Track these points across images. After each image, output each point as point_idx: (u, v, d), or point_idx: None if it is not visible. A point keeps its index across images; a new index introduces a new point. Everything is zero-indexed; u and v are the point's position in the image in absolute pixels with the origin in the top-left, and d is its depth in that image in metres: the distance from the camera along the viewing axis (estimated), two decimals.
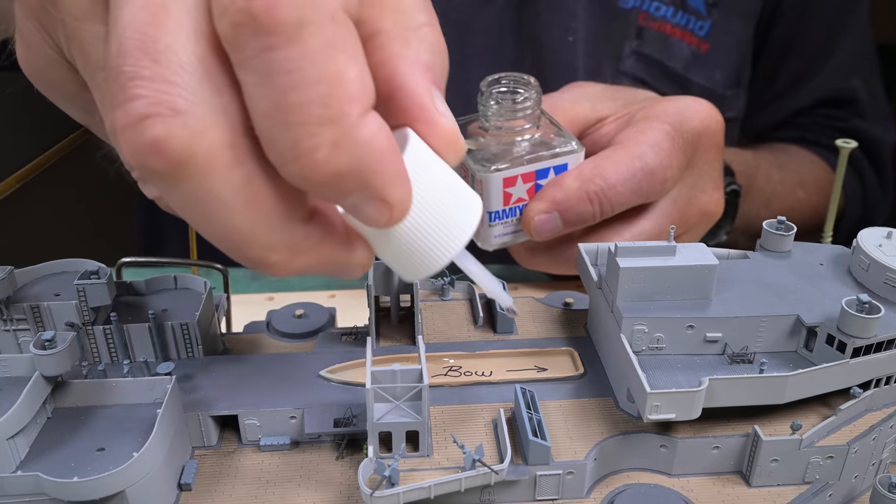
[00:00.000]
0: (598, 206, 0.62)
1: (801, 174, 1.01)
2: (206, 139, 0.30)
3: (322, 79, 0.30)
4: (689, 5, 0.93)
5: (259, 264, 0.34)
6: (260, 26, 0.29)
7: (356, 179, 0.32)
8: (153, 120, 0.29)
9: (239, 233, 0.32)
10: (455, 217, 0.38)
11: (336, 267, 0.37)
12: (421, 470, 0.45)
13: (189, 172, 0.30)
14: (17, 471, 0.42)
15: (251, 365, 0.54)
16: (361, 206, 0.33)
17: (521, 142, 0.62)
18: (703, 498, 0.47)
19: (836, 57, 1.03)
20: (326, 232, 0.36)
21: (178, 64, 0.30)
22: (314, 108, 0.30)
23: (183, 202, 0.32)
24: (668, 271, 0.50)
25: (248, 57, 0.30)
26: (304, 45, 0.29)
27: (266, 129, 0.31)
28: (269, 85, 0.30)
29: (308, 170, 0.31)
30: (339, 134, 0.31)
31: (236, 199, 0.31)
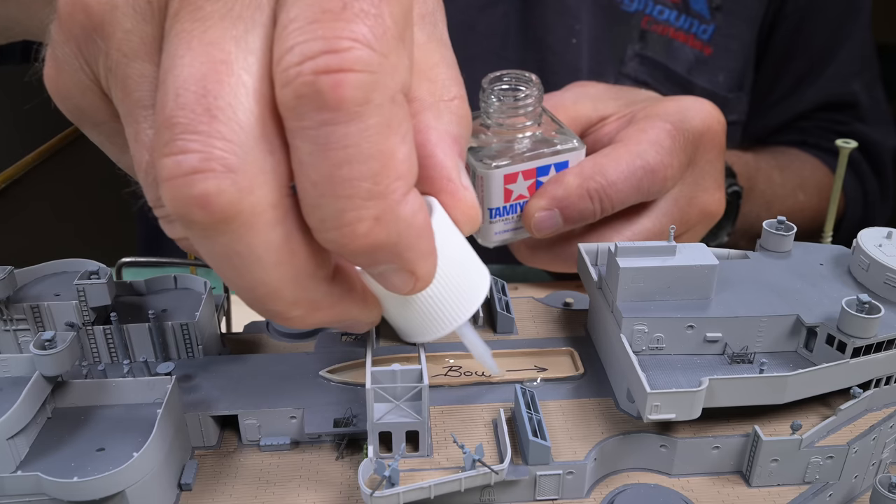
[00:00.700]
0: (598, 204, 0.62)
1: (802, 177, 1.01)
2: (253, 198, 0.31)
3: (375, 156, 0.31)
4: (693, 9, 0.93)
5: (277, 316, 0.35)
6: (324, 102, 0.30)
7: (391, 252, 0.33)
8: (205, 175, 0.30)
9: (266, 287, 0.33)
10: (466, 290, 0.40)
11: (348, 322, 0.38)
12: (421, 470, 0.45)
13: (230, 228, 0.31)
14: (17, 471, 0.42)
15: (251, 365, 0.54)
16: (388, 275, 0.35)
17: (523, 139, 0.62)
18: (703, 498, 0.47)
19: (838, 61, 1.04)
20: (347, 290, 0.37)
21: (235, 122, 0.30)
22: (364, 183, 0.31)
23: (216, 253, 0.32)
24: (668, 271, 0.50)
25: (305, 127, 0.30)
26: (363, 124, 0.30)
27: (313, 196, 0.31)
28: (324, 157, 0.30)
29: (347, 239, 0.32)
30: (383, 210, 0.32)
31: (271, 256, 0.32)
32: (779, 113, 1.07)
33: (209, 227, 0.31)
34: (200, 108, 0.30)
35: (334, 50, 0.30)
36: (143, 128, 0.34)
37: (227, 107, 0.30)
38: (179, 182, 0.30)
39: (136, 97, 0.34)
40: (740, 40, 0.96)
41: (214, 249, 0.32)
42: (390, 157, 0.31)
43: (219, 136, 0.30)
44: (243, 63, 0.31)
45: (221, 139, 0.30)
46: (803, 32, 1.01)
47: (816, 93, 1.05)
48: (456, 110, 0.41)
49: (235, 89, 0.31)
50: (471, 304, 0.41)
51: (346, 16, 0.30)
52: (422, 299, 0.39)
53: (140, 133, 0.35)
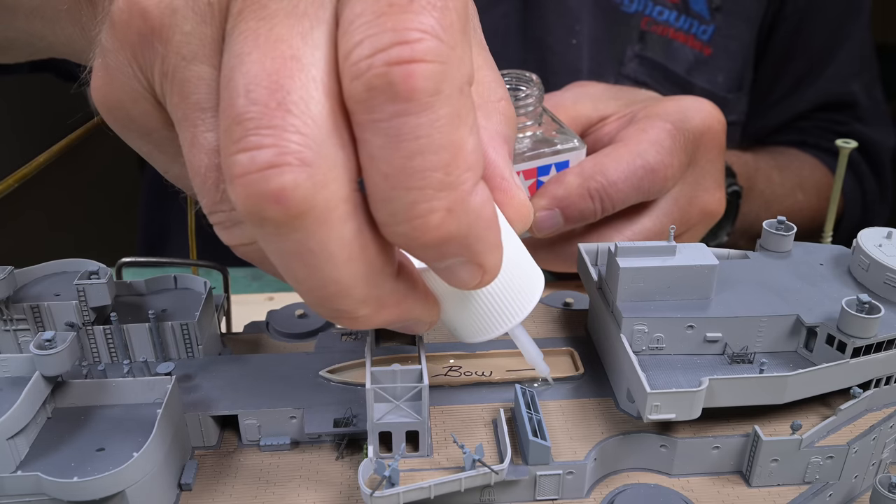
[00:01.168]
0: (598, 204, 0.62)
1: (801, 177, 1.01)
2: (327, 192, 0.31)
3: (446, 147, 0.31)
4: (693, 9, 0.93)
5: (344, 315, 0.35)
6: (396, 93, 0.30)
7: (461, 244, 0.33)
8: (281, 169, 0.30)
9: (337, 285, 0.33)
10: (524, 288, 0.40)
11: (409, 322, 0.38)
12: (421, 470, 0.45)
13: (305, 223, 0.31)
14: (17, 471, 0.42)
15: (251, 365, 0.54)
16: (456, 269, 0.35)
17: (523, 138, 0.62)
18: (703, 498, 0.47)
19: (837, 61, 1.04)
20: (411, 288, 0.37)
21: (308, 116, 0.30)
22: (436, 174, 0.31)
23: (287, 252, 0.32)
24: (668, 271, 0.50)
25: (377, 119, 0.30)
26: (435, 114, 0.30)
27: (384, 189, 0.31)
28: (396, 148, 0.30)
29: (418, 231, 0.32)
30: (455, 200, 0.32)
31: (343, 252, 0.32)
32: (778, 113, 1.07)
33: (283, 224, 0.31)
34: (274, 102, 0.30)
35: (405, 41, 0.30)
36: (201, 131, 0.34)
37: (300, 101, 0.30)
38: (254, 177, 0.30)
39: (195, 100, 0.34)
40: (740, 41, 0.96)
41: (286, 247, 0.32)
42: (460, 148, 0.31)
43: (293, 131, 0.30)
44: (311, 58, 0.31)
45: (296, 133, 0.30)
46: (803, 33, 1.01)
47: (816, 93, 1.05)
48: (504, 111, 0.42)
49: (307, 84, 0.31)
50: (527, 303, 0.41)
51: (413, 8, 0.30)
52: (481, 298, 0.39)
53: (198, 136, 0.34)
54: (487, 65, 0.43)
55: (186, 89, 0.34)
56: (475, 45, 0.43)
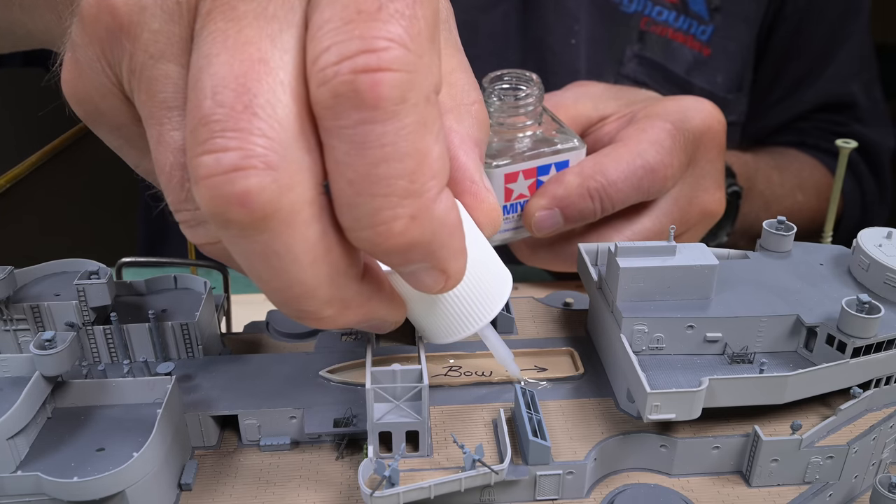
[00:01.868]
0: (598, 203, 0.62)
1: (801, 178, 1.01)
2: (293, 195, 0.31)
3: (411, 154, 0.31)
4: (692, 10, 0.93)
5: (309, 316, 0.35)
6: (362, 101, 0.30)
7: (424, 250, 0.33)
8: (246, 172, 0.30)
9: (301, 287, 0.33)
10: (490, 291, 0.41)
11: (375, 322, 0.39)
12: (421, 470, 0.45)
13: (269, 225, 0.31)
14: (17, 471, 0.42)
15: (251, 365, 0.54)
16: (419, 274, 0.35)
17: (523, 138, 0.62)
18: (703, 498, 0.47)
19: (837, 62, 1.04)
20: (375, 290, 0.37)
21: (275, 119, 0.30)
22: (400, 182, 0.31)
23: (251, 253, 0.32)
24: (668, 271, 0.50)
25: (342, 126, 0.31)
26: (400, 122, 0.31)
27: (349, 195, 0.32)
28: (361, 155, 0.31)
29: (381, 237, 0.32)
30: (419, 208, 0.32)
31: (307, 255, 0.32)
32: (778, 114, 1.07)
33: (248, 226, 0.31)
34: (240, 105, 0.30)
35: (372, 49, 0.30)
36: (167, 129, 0.34)
37: (267, 104, 0.30)
38: (219, 180, 0.30)
39: (161, 98, 0.34)
40: (739, 41, 0.96)
41: (251, 249, 0.32)
42: (426, 156, 0.32)
43: (259, 134, 0.30)
44: (279, 62, 0.31)
45: (262, 136, 0.30)
46: (802, 33, 1.01)
47: (815, 94, 1.05)
48: (476, 114, 0.42)
49: (274, 87, 0.31)
50: (494, 304, 0.41)
51: (381, 16, 0.30)
52: (447, 300, 0.40)
53: (164, 135, 0.34)
54: (461, 67, 0.43)
55: (153, 87, 0.34)
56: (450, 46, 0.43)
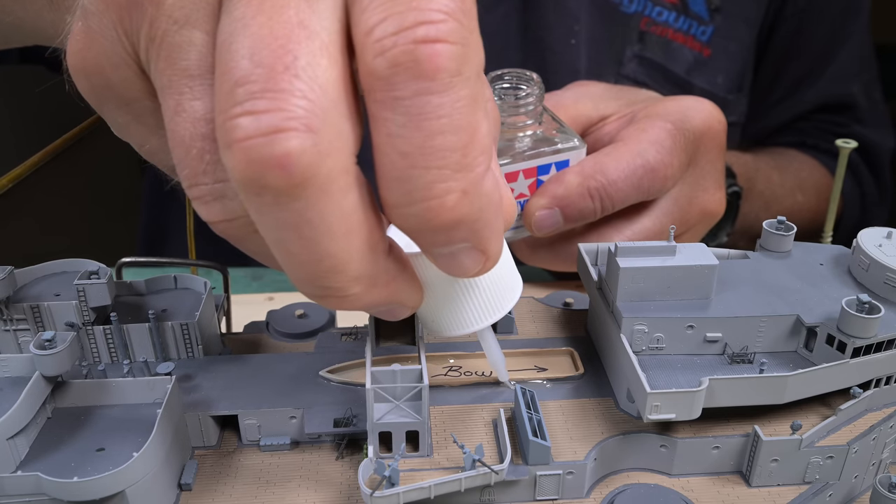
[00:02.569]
0: (598, 203, 0.62)
1: (801, 178, 1.01)
2: (331, 161, 0.30)
3: (465, 128, 0.31)
4: (692, 10, 0.93)
5: (334, 293, 0.34)
6: (422, 71, 0.30)
7: (470, 228, 0.33)
8: (287, 134, 0.29)
9: (332, 260, 0.32)
10: (505, 288, 0.40)
11: (394, 306, 0.37)
12: (421, 470, 0.45)
13: (306, 192, 0.30)
14: (17, 471, 0.42)
15: (251, 365, 0.54)
16: (459, 254, 0.34)
17: (523, 137, 0.62)
18: (703, 498, 0.47)
19: (837, 63, 1.04)
20: (401, 268, 0.36)
21: (315, 82, 0.30)
22: (454, 155, 0.31)
23: (283, 223, 0.31)
24: (668, 271, 0.50)
25: (398, 97, 0.30)
26: (456, 94, 0.30)
27: (401, 167, 0.31)
28: (417, 127, 0.30)
29: (433, 212, 0.31)
30: (470, 183, 0.32)
31: (341, 225, 0.31)
32: (778, 114, 1.07)
33: (284, 192, 0.30)
34: (281, 65, 0.29)
35: (430, 21, 0.29)
36: (187, 98, 0.33)
37: (308, 66, 0.30)
38: (257, 142, 0.29)
39: (183, 66, 0.33)
40: (739, 42, 0.96)
41: (283, 218, 0.31)
42: (477, 130, 0.31)
43: (300, 96, 0.29)
44: (318, 26, 0.30)
45: (303, 98, 0.29)
46: (803, 34, 1.01)
47: (815, 94, 1.05)
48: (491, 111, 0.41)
49: (314, 51, 0.30)
50: (509, 301, 0.41)
51: None
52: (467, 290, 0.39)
53: (183, 104, 0.33)
54: None
55: (175, 55, 0.33)
56: None
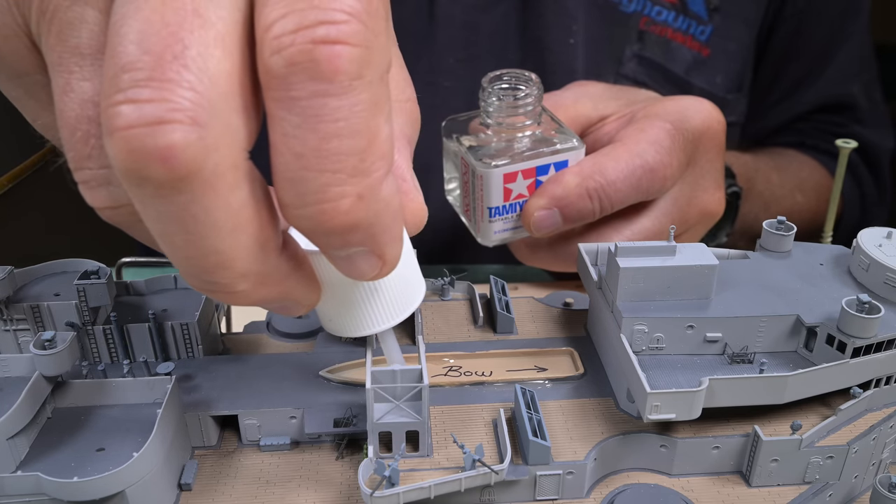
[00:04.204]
0: (597, 203, 0.62)
1: (800, 178, 1.01)
2: (218, 156, 0.29)
3: (364, 132, 0.30)
4: (691, 10, 0.93)
5: (221, 289, 0.33)
6: (320, 72, 0.29)
7: (366, 233, 0.32)
8: (171, 126, 0.28)
9: (217, 256, 0.31)
10: (409, 292, 0.40)
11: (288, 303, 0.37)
12: (421, 470, 0.45)
13: (190, 186, 0.29)
14: (17, 471, 0.42)
15: (251, 365, 0.54)
16: (356, 258, 0.34)
17: (522, 138, 0.62)
18: (703, 498, 0.47)
19: (836, 63, 1.04)
20: (295, 267, 0.35)
21: (206, 74, 0.29)
22: (351, 159, 0.30)
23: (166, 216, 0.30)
24: (668, 271, 0.50)
25: (295, 97, 0.29)
26: (355, 98, 0.30)
27: (295, 168, 0.30)
28: (312, 129, 0.30)
29: (326, 215, 0.31)
30: (366, 188, 0.31)
31: (227, 222, 0.31)
32: (777, 114, 1.07)
33: (166, 185, 0.29)
34: (170, 54, 0.28)
35: (331, 21, 0.29)
36: (76, 78, 0.32)
37: (199, 57, 0.29)
38: (138, 132, 0.28)
39: (73, 44, 0.32)
40: (738, 42, 0.96)
41: (166, 211, 0.30)
42: (376, 135, 0.31)
43: (188, 87, 0.28)
44: (215, 17, 0.29)
45: (190, 90, 0.28)
46: (802, 34, 1.01)
47: (815, 94, 1.05)
48: (410, 112, 0.41)
49: (207, 41, 0.29)
50: (410, 305, 0.40)
51: None
52: (367, 292, 0.38)
53: (71, 84, 0.32)
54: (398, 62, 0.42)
55: (66, 31, 0.32)
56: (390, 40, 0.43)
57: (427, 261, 0.86)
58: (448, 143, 0.65)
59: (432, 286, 0.63)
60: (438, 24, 0.87)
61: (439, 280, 0.63)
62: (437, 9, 0.87)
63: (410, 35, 0.87)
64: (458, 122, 0.65)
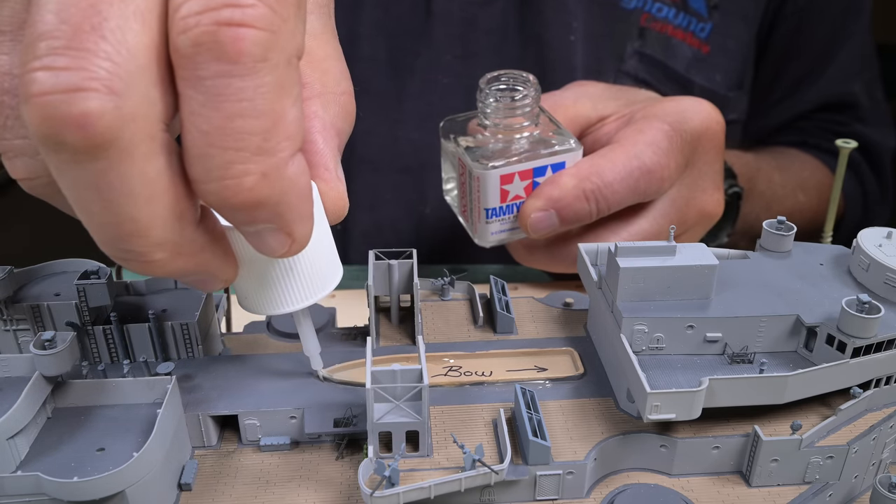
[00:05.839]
0: (594, 205, 0.62)
1: (802, 178, 1.01)
2: (134, 126, 0.30)
3: (267, 113, 0.31)
4: (691, 7, 0.93)
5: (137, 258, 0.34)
6: (223, 53, 0.30)
7: (272, 210, 0.33)
8: (87, 94, 0.29)
9: (133, 224, 0.32)
10: (324, 273, 0.41)
11: (204, 276, 0.37)
12: (421, 470, 0.45)
13: (106, 154, 0.30)
14: (17, 471, 0.42)
15: (251, 365, 0.54)
16: (264, 234, 0.35)
17: (520, 139, 0.62)
18: (703, 498, 0.47)
19: (838, 61, 1.04)
20: (211, 241, 0.36)
21: (124, 45, 0.30)
22: (254, 138, 0.31)
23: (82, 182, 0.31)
24: (668, 271, 0.50)
25: (201, 77, 0.30)
26: (259, 80, 0.31)
27: (200, 145, 0.31)
28: (216, 108, 0.31)
29: (230, 191, 0.32)
30: (270, 167, 0.32)
31: (143, 190, 0.31)
32: (779, 113, 1.07)
33: (82, 152, 0.30)
34: (88, 25, 0.29)
35: (236, 4, 0.30)
36: None
37: (117, 29, 0.29)
38: (56, 98, 0.29)
39: None
40: (738, 39, 0.96)
41: (82, 178, 0.31)
42: (281, 117, 0.32)
43: (105, 57, 0.29)
44: None
45: (107, 60, 0.29)
46: (803, 32, 1.01)
47: (816, 93, 1.05)
48: (344, 105, 0.42)
49: (126, 14, 0.30)
50: (324, 287, 0.41)
51: None
52: (281, 270, 0.40)
53: None
54: (336, 55, 0.43)
55: None
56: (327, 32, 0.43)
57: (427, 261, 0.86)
58: (446, 143, 0.65)
59: (432, 286, 0.63)
60: (435, 21, 0.87)
61: (439, 280, 0.63)
62: (433, 5, 0.87)
63: (407, 32, 0.87)
64: (456, 123, 0.65)
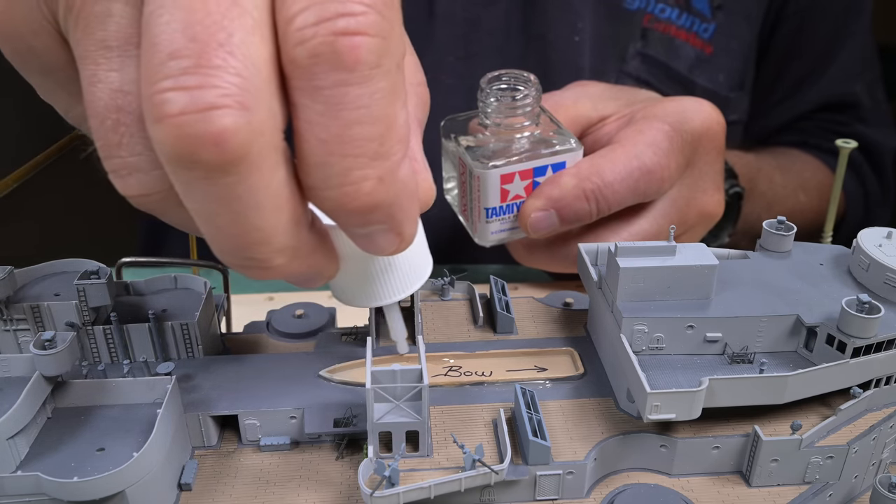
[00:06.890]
0: (594, 205, 0.62)
1: (803, 178, 1.01)
2: (263, 139, 0.31)
3: (383, 119, 0.32)
4: (694, 7, 0.93)
5: (258, 265, 0.34)
6: (341, 63, 0.30)
7: (386, 212, 0.34)
8: (223, 111, 0.29)
9: (259, 233, 0.33)
10: (420, 265, 0.42)
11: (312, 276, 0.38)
12: (421, 470, 0.45)
13: (238, 168, 0.30)
14: (17, 471, 0.42)
15: (251, 365, 0.54)
16: (376, 235, 0.35)
17: (520, 139, 0.62)
18: (703, 498, 0.47)
19: (839, 61, 1.04)
20: (321, 241, 0.37)
21: (249, 60, 0.30)
22: (371, 144, 0.32)
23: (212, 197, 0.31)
24: (668, 271, 0.50)
25: (318, 87, 0.31)
26: (375, 86, 0.31)
27: (319, 154, 0.32)
28: (335, 117, 0.31)
29: (349, 197, 0.33)
30: (386, 170, 0.33)
31: (270, 201, 0.32)
32: (780, 113, 1.07)
33: (216, 168, 0.30)
34: (215, 42, 0.29)
35: (350, 13, 0.30)
36: (103, 69, 0.33)
37: (242, 44, 0.30)
38: (191, 118, 0.29)
39: (100, 37, 0.33)
40: (741, 40, 0.96)
41: (212, 193, 0.31)
42: (394, 121, 0.32)
43: (234, 73, 0.30)
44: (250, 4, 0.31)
45: (237, 76, 0.30)
46: (805, 32, 1.01)
47: (818, 93, 1.05)
48: (421, 95, 0.43)
49: (248, 28, 0.30)
50: (419, 278, 0.42)
51: None
52: (382, 266, 0.40)
53: (98, 74, 0.33)
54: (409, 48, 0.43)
55: (92, 25, 0.33)
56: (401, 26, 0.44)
57: None
58: (446, 142, 0.65)
59: (432, 286, 0.63)
60: (438, 21, 0.87)
61: (439, 280, 0.63)
62: (436, 6, 0.87)
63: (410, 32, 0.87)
64: (456, 122, 0.65)
